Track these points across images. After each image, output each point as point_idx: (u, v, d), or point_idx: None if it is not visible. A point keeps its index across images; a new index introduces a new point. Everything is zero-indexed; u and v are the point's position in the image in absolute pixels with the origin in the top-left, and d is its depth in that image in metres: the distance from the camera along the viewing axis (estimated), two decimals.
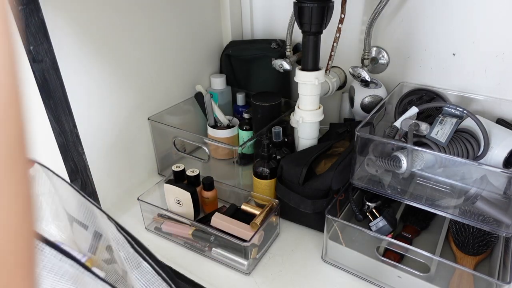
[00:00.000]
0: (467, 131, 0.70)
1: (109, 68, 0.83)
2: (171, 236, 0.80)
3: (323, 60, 0.84)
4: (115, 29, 0.82)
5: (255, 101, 0.94)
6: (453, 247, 0.73)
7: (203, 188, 0.84)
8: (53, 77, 0.70)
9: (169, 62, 0.99)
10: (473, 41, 0.82)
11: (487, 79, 0.84)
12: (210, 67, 1.13)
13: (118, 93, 0.87)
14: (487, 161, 0.68)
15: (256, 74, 1.10)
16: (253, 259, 0.73)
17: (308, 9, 0.73)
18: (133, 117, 0.92)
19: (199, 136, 0.93)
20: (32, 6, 0.63)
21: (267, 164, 0.82)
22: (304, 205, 0.76)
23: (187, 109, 1.07)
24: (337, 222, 0.71)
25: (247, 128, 0.99)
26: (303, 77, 0.81)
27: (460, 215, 0.65)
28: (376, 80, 0.93)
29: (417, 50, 0.90)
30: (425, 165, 0.67)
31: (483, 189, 0.64)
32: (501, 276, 0.63)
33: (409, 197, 0.70)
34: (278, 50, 1.03)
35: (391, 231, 0.74)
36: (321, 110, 0.85)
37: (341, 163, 0.77)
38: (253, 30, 1.15)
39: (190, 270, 0.73)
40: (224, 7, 1.10)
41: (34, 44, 0.65)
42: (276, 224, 0.80)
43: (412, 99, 0.85)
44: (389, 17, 0.91)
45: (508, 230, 0.61)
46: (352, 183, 0.74)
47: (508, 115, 0.81)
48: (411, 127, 0.69)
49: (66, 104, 0.74)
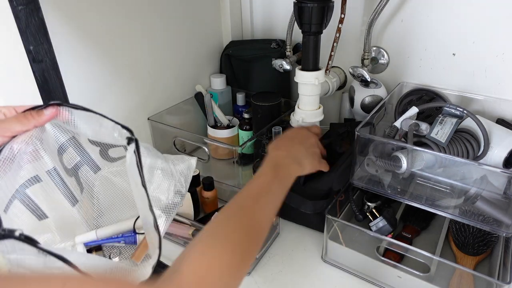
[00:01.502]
0: (467, 131, 0.70)
1: (109, 68, 0.83)
2: (171, 236, 0.80)
3: (323, 60, 0.84)
4: (115, 29, 0.82)
5: (255, 101, 0.94)
6: (453, 247, 0.73)
7: (203, 188, 0.84)
8: (53, 77, 0.70)
9: (169, 62, 0.99)
10: (473, 41, 0.82)
11: (487, 79, 0.84)
12: (210, 67, 1.13)
13: (118, 93, 0.87)
14: (487, 161, 0.68)
15: (256, 74, 1.10)
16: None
17: (308, 9, 0.73)
18: (133, 117, 0.92)
19: (199, 136, 0.93)
20: (32, 6, 0.63)
21: None
22: (305, 205, 0.76)
23: (187, 109, 1.07)
24: (337, 222, 0.71)
25: (247, 128, 0.99)
26: (303, 77, 0.81)
27: (460, 215, 0.65)
28: (376, 80, 0.93)
29: (417, 50, 0.90)
30: (425, 165, 0.67)
31: (483, 189, 0.64)
32: (501, 276, 0.63)
33: (409, 197, 0.70)
34: (278, 50, 1.03)
35: (391, 231, 0.74)
36: (321, 110, 0.85)
37: (342, 164, 0.77)
38: (253, 30, 1.15)
39: None
40: (224, 7, 1.10)
41: (34, 44, 0.65)
42: (276, 224, 0.80)
43: (412, 99, 0.85)
44: (389, 17, 0.91)
45: (508, 230, 0.61)
46: (352, 183, 0.74)
47: (508, 115, 0.81)
48: (411, 127, 0.69)
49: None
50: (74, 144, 0.54)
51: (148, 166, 0.51)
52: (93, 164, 0.58)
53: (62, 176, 0.53)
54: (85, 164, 0.57)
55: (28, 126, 0.44)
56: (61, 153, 0.53)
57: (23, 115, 0.43)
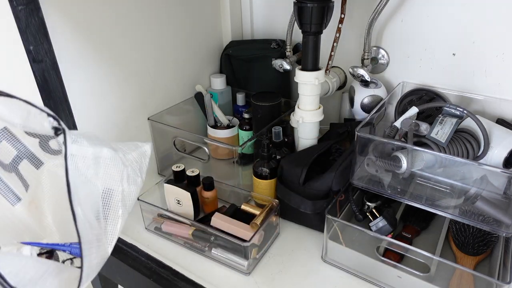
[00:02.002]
0: (467, 131, 0.70)
1: (109, 68, 0.83)
2: (171, 236, 0.80)
3: (323, 60, 0.84)
4: (115, 29, 0.82)
5: (255, 101, 0.94)
6: (453, 247, 0.73)
7: (203, 188, 0.84)
8: (53, 77, 0.70)
9: (169, 62, 0.99)
10: (473, 41, 0.82)
11: (487, 79, 0.84)
12: (210, 67, 1.13)
13: (118, 93, 0.87)
14: (487, 161, 0.68)
15: (256, 74, 1.10)
16: (253, 259, 0.73)
17: (308, 9, 0.73)
18: (133, 117, 0.92)
19: (199, 136, 0.93)
20: (32, 6, 0.63)
21: (267, 164, 0.82)
22: (305, 205, 0.76)
23: (187, 109, 1.07)
24: (337, 222, 0.71)
25: (247, 128, 0.99)
26: (303, 77, 0.81)
27: (460, 215, 0.65)
28: (376, 80, 0.94)
29: (417, 50, 0.90)
30: (425, 165, 0.67)
31: (483, 189, 0.64)
32: (501, 276, 0.63)
33: (409, 197, 0.70)
34: (278, 50, 1.03)
35: (391, 231, 0.74)
36: (321, 110, 0.85)
37: (342, 164, 0.77)
38: (253, 30, 1.15)
39: (190, 270, 0.73)
40: (224, 7, 1.10)
41: (34, 44, 0.65)
42: (276, 224, 0.80)
43: (412, 99, 0.85)
44: (389, 17, 0.91)
45: (508, 230, 0.61)
46: (352, 183, 0.74)
47: (508, 115, 0.81)
48: (411, 127, 0.69)
49: (66, 104, 0.75)
50: (8, 136, 0.48)
51: (91, 156, 0.45)
52: (33, 158, 0.51)
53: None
54: (24, 158, 0.51)
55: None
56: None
57: None
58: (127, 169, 0.49)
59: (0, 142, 0.48)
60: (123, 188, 0.48)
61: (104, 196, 0.45)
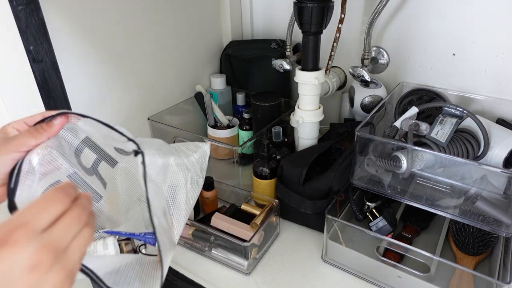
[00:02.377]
0: (467, 131, 0.70)
1: (109, 68, 0.83)
2: None
3: (323, 60, 0.84)
4: (115, 29, 0.82)
5: (255, 101, 0.94)
6: (453, 247, 0.73)
7: (203, 188, 0.84)
8: (53, 77, 0.70)
9: (169, 62, 0.99)
10: (473, 41, 0.82)
11: (487, 79, 0.84)
12: (210, 67, 1.13)
13: (118, 93, 0.87)
14: (487, 161, 0.68)
15: (256, 74, 1.10)
16: (253, 259, 0.73)
17: (308, 9, 0.73)
18: (133, 117, 0.92)
19: (199, 136, 0.93)
20: (32, 6, 0.63)
21: (267, 164, 0.82)
22: (305, 205, 0.76)
23: (187, 109, 1.07)
24: (337, 222, 0.71)
25: (247, 128, 0.99)
26: (303, 77, 0.81)
27: (460, 215, 0.65)
28: (376, 80, 0.94)
29: (417, 50, 0.90)
30: (425, 165, 0.67)
31: (483, 189, 0.64)
32: (501, 276, 0.63)
33: (409, 197, 0.70)
34: (278, 50, 1.03)
35: (391, 231, 0.74)
36: (321, 110, 0.85)
37: (342, 164, 0.77)
38: (253, 30, 1.15)
39: (190, 270, 0.73)
40: (224, 7, 1.10)
41: (34, 44, 0.65)
42: (276, 224, 0.80)
43: (412, 99, 0.85)
44: (389, 17, 0.91)
45: (508, 230, 0.61)
46: (352, 183, 0.74)
47: (508, 115, 0.81)
48: (411, 127, 0.69)
49: (66, 104, 0.74)
50: (90, 144, 0.55)
51: (161, 166, 0.51)
52: (110, 159, 0.58)
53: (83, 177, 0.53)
54: (102, 160, 0.57)
55: (42, 139, 0.45)
56: (78, 155, 0.53)
57: (35, 129, 0.44)
58: (191, 172, 0.54)
59: (83, 150, 0.54)
60: (187, 190, 0.53)
61: (170, 198, 0.50)
